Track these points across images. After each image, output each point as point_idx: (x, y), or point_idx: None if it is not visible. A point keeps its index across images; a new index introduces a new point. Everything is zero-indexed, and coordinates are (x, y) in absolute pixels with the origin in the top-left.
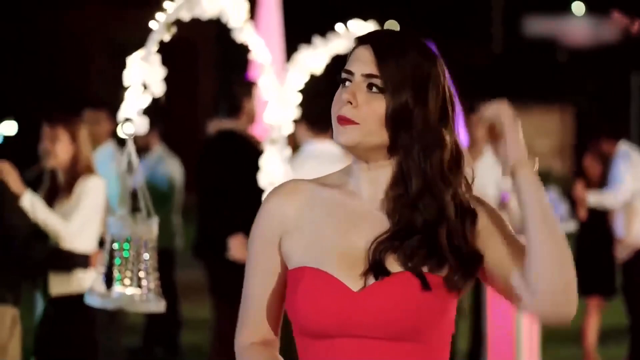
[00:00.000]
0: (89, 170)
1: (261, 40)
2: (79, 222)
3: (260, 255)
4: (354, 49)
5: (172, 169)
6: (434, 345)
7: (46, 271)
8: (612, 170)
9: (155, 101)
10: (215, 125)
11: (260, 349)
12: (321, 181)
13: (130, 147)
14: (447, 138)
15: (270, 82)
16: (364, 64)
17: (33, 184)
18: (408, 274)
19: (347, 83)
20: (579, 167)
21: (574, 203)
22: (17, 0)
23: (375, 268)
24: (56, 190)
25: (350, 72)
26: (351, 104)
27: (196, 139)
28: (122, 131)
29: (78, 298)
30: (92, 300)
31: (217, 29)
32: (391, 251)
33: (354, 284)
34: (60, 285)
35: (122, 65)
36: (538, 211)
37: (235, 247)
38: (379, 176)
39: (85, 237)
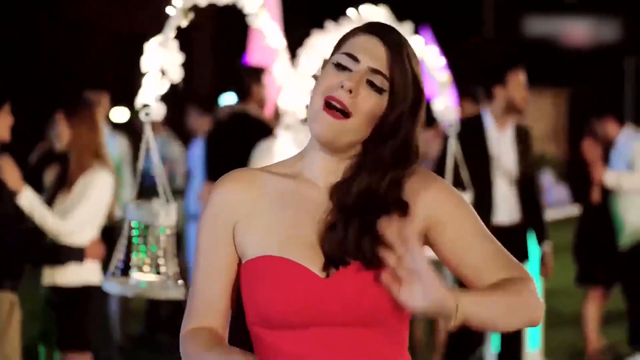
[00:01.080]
0: (99, 157)
1: (276, 25)
2: (80, 218)
3: (210, 246)
4: (357, 34)
5: (175, 154)
6: (395, 328)
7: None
8: (618, 153)
9: (173, 87)
10: (226, 109)
11: (202, 331)
12: (274, 169)
13: (149, 133)
14: (418, 148)
15: (284, 67)
16: (374, 57)
17: (41, 165)
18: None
19: (346, 70)
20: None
21: (572, 186)
22: None
23: (333, 259)
24: (65, 176)
25: (356, 59)
26: (351, 92)
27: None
28: (141, 117)
29: (74, 289)
30: (111, 288)
31: (210, 15)
32: (342, 240)
33: (319, 271)
34: (53, 276)
35: (123, 55)
36: (497, 317)
37: None
38: (337, 167)
39: (85, 232)
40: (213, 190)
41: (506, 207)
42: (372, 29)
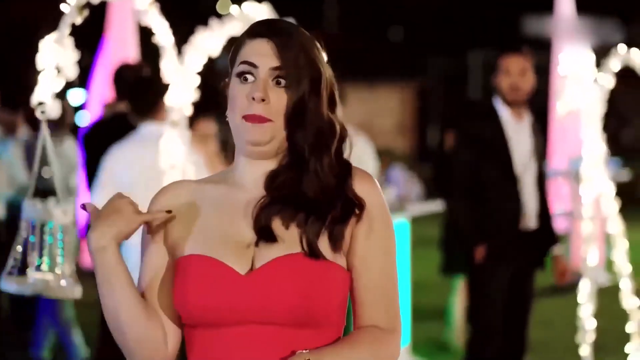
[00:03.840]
0: None
1: (165, 23)
2: None
3: (147, 251)
4: (247, 40)
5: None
6: (324, 328)
7: None
8: None
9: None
10: (111, 107)
11: None
12: (205, 180)
13: (44, 131)
14: (336, 124)
15: (172, 64)
16: (268, 57)
17: None
18: (297, 255)
19: (249, 77)
20: (420, 145)
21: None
22: None
23: (262, 234)
24: None
25: (253, 65)
26: (264, 101)
27: None
28: (37, 115)
29: None
30: (8, 287)
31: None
32: (275, 219)
33: (243, 267)
34: None
35: None
36: None
37: None
38: (265, 166)
39: None
40: (150, 203)
41: (529, 212)
42: (259, 30)
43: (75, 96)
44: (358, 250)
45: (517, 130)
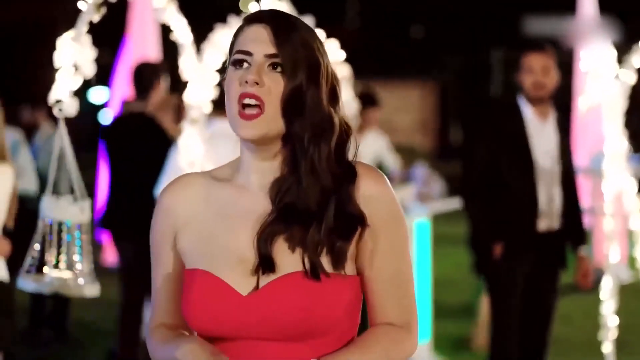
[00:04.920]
0: (1, 155)
1: (184, 20)
2: None
3: (159, 252)
4: (242, 29)
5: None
6: (334, 342)
7: None
8: None
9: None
10: (130, 105)
11: (161, 328)
12: (215, 174)
13: (62, 129)
14: (337, 119)
15: (190, 62)
16: (264, 43)
17: None
18: (297, 274)
19: (244, 65)
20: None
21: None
22: None
23: (263, 263)
24: None
25: (248, 53)
26: (257, 84)
27: None
28: (55, 113)
29: None
30: (26, 285)
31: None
32: (278, 239)
33: (245, 286)
34: None
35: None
36: None
37: None
38: (269, 166)
39: None
40: (160, 196)
41: (551, 211)
42: (253, 18)
43: (98, 94)
44: (367, 255)
45: (541, 129)
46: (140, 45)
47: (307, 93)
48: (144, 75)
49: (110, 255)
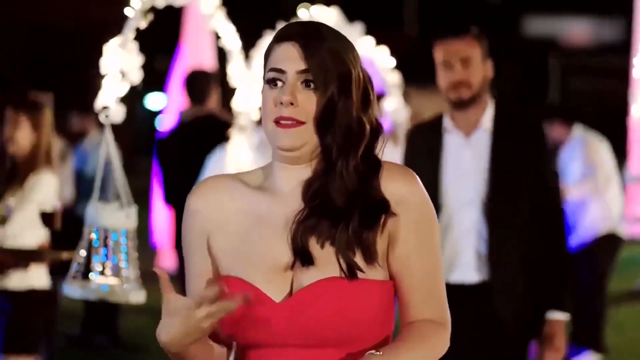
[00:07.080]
0: (48, 160)
1: (232, 27)
2: (22, 221)
3: (192, 255)
4: (274, 46)
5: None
6: (369, 347)
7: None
8: (567, 156)
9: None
10: (190, 112)
11: None
12: (244, 178)
13: (109, 136)
14: (367, 124)
15: (239, 69)
16: (294, 60)
17: None
18: (330, 280)
19: (278, 83)
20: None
21: None
22: None
23: (301, 257)
24: (14, 177)
25: (281, 71)
26: (292, 104)
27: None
28: (101, 119)
29: (20, 293)
30: (72, 291)
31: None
32: (311, 237)
33: (279, 293)
34: (14, 280)
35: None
36: None
37: None
38: (301, 172)
39: (30, 234)
40: (189, 199)
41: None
42: (285, 34)
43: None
44: (397, 255)
45: (461, 146)
46: (194, 52)
47: (338, 104)
48: (196, 83)
49: (165, 261)
